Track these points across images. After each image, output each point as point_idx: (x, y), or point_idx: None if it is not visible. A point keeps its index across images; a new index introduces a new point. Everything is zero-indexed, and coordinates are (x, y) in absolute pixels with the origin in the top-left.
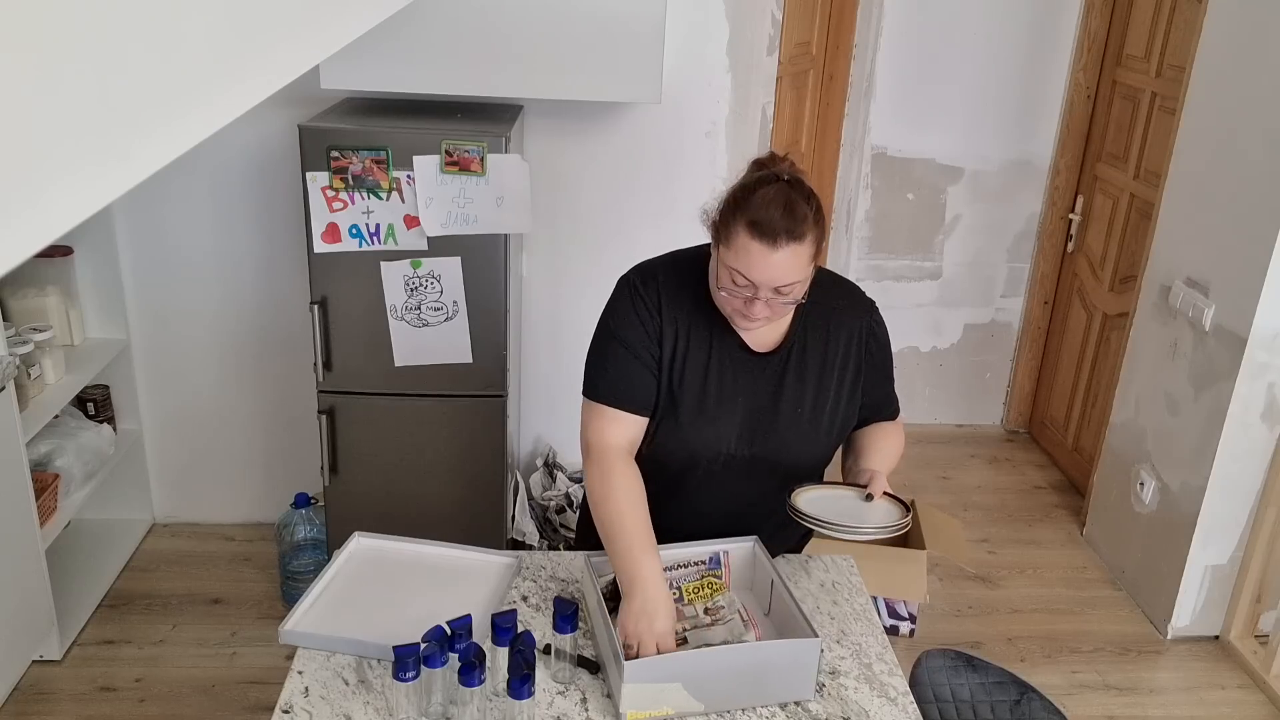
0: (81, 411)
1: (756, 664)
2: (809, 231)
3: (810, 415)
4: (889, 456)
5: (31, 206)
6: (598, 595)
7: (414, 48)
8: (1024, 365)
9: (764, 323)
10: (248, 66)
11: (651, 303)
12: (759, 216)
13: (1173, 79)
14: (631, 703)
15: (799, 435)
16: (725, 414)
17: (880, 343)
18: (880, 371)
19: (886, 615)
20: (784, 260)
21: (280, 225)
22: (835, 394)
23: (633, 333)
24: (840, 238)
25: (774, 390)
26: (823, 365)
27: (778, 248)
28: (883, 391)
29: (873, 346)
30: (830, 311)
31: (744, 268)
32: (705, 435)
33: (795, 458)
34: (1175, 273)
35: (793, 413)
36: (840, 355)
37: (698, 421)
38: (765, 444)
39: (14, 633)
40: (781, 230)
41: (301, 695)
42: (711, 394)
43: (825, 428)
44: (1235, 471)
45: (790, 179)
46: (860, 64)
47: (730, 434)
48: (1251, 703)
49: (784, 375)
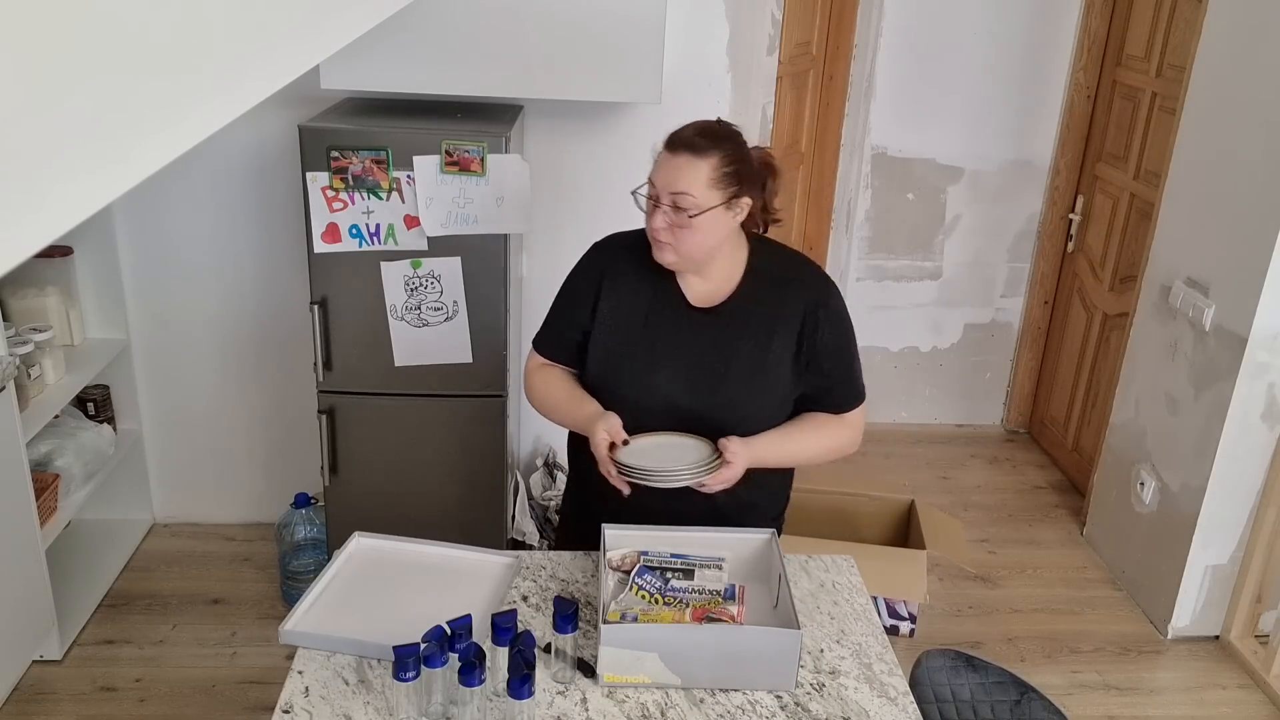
0: (81, 411)
1: (735, 647)
2: (713, 154)
3: (748, 374)
4: (789, 440)
5: (31, 206)
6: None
7: (414, 48)
8: (1024, 365)
9: (670, 250)
10: (248, 66)
11: (599, 263)
12: (675, 133)
13: (1173, 79)
14: (609, 666)
15: (740, 393)
16: (665, 365)
17: (830, 327)
18: (828, 356)
19: (886, 615)
20: (680, 167)
21: (280, 225)
22: (777, 358)
23: (574, 293)
24: (840, 238)
25: (713, 345)
26: (763, 327)
27: (677, 155)
28: (830, 379)
29: (820, 327)
30: (782, 279)
31: (652, 175)
32: (646, 384)
33: (738, 416)
34: (1175, 273)
35: (730, 369)
36: (784, 324)
37: (636, 370)
38: (708, 399)
39: (14, 633)
40: (684, 142)
41: (302, 695)
42: (650, 345)
43: (765, 388)
44: (1235, 471)
45: (727, 128)
46: (860, 64)
47: (673, 387)
48: (1251, 703)
49: (723, 331)
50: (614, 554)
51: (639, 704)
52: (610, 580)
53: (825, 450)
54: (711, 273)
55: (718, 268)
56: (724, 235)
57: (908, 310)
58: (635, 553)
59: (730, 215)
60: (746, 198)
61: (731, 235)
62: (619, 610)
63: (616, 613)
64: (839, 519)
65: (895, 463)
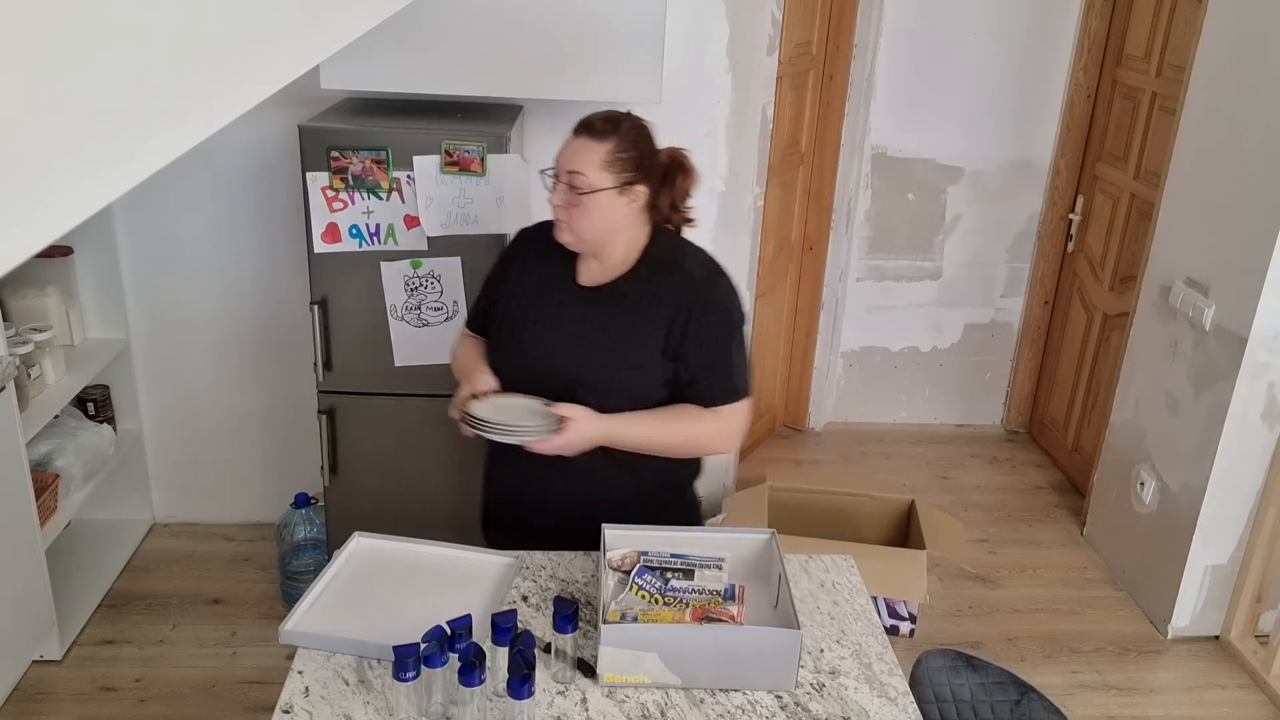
0: (81, 411)
1: (735, 647)
2: (609, 139)
3: (615, 353)
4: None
5: (31, 206)
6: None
7: (414, 48)
8: (1024, 365)
9: (567, 229)
10: (248, 66)
11: (519, 244)
12: (582, 118)
13: (1173, 79)
14: (609, 666)
15: (605, 370)
16: (544, 337)
17: (703, 320)
18: (696, 349)
19: (886, 615)
20: (578, 148)
21: (280, 225)
22: (643, 341)
23: (494, 270)
24: (840, 238)
25: (589, 323)
26: (638, 311)
27: (578, 137)
28: (697, 371)
29: (692, 320)
30: (667, 270)
31: (557, 155)
32: (523, 353)
33: (602, 392)
34: (1175, 273)
35: (600, 347)
36: (657, 310)
37: (517, 339)
38: (576, 373)
39: (14, 633)
40: (585, 125)
41: (302, 695)
42: (535, 318)
43: (630, 368)
44: (1235, 471)
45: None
46: (860, 64)
47: (549, 358)
48: (1251, 703)
49: (601, 311)
50: (614, 554)
51: (639, 704)
52: (610, 580)
53: (687, 440)
54: (607, 256)
55: (614, 252)
56: (618, 219)
57: (908, 310)
58: (635, 553)
59: (624, 200)
60: (642, 186)
61: (629, 222)
62: (619, 610)
63: (616, 613)
64: (839, 519)
65: (895, 463)
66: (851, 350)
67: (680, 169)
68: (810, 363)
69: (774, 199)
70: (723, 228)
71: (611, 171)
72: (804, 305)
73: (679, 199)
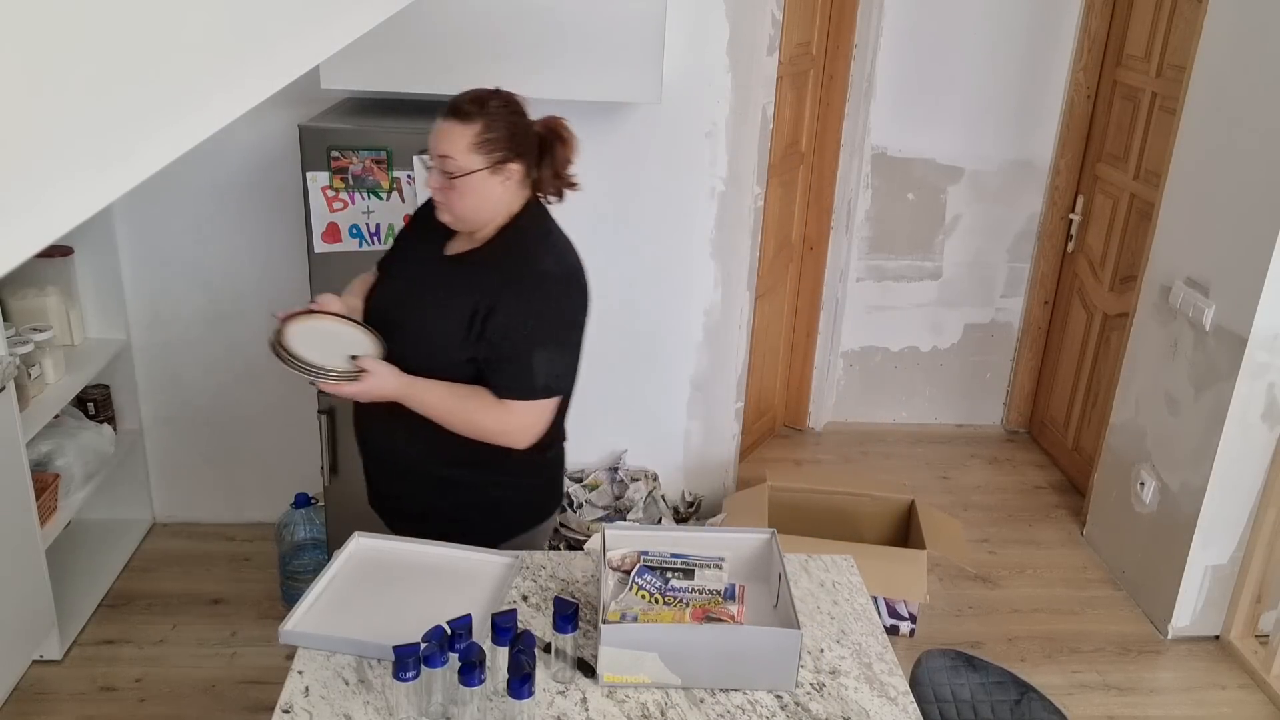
0: (81, 411)
1: (735, 647)
2: (476, 120)
3: (430, 319)
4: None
5: (31, 206)
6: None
7: (414, 48)
8: (1024, 365)
9: (445, 210)
10: (248, 66)
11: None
12: (450, 99)
13: (1173, 79)
14: (609, 666)
15: (419, 331)
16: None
17: (509, 310)
18: (494, 336)
19: (886, 615)
20: (445, 131)
21: (280, 225)
22: (451, 314)
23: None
24: (840, 238)
25: (424, 286)
26: (459, 285)
27: (446, 120)
28: (490, 357)
29: (498, 308)
30: (501, 252)
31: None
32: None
33: (411, 351)
34: (1175, 273)
35: (421, 309)
36: (472, 288)
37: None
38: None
39: (14, 633)
40: (452, 108)
41: (302, 695)
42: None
43: (438, 335)
44: (1235, 471)
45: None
46: (860, 64)
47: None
48: (1251, 703)
49: (438, 276)
50: (614, 554)
51: (639, 704)
52: (610, 580)
53: (468, 422)
54: (480, 232)
55: (489, 229)
56: (494, 198)
57: (908, 310)
58: (635, 553)
59: (498, 180)
60: (515, 164)
61: (508, 199)
62: (619, 610)
63: (616, 613)
64: (839, 519)
65: (895, 463)
66: (851, 350)
67: (557, 138)
68: (810, 363)
69: (774, 199)
70: (723, 228)
71: (481, 153)
72: (804, 305)
73: (560, 168)
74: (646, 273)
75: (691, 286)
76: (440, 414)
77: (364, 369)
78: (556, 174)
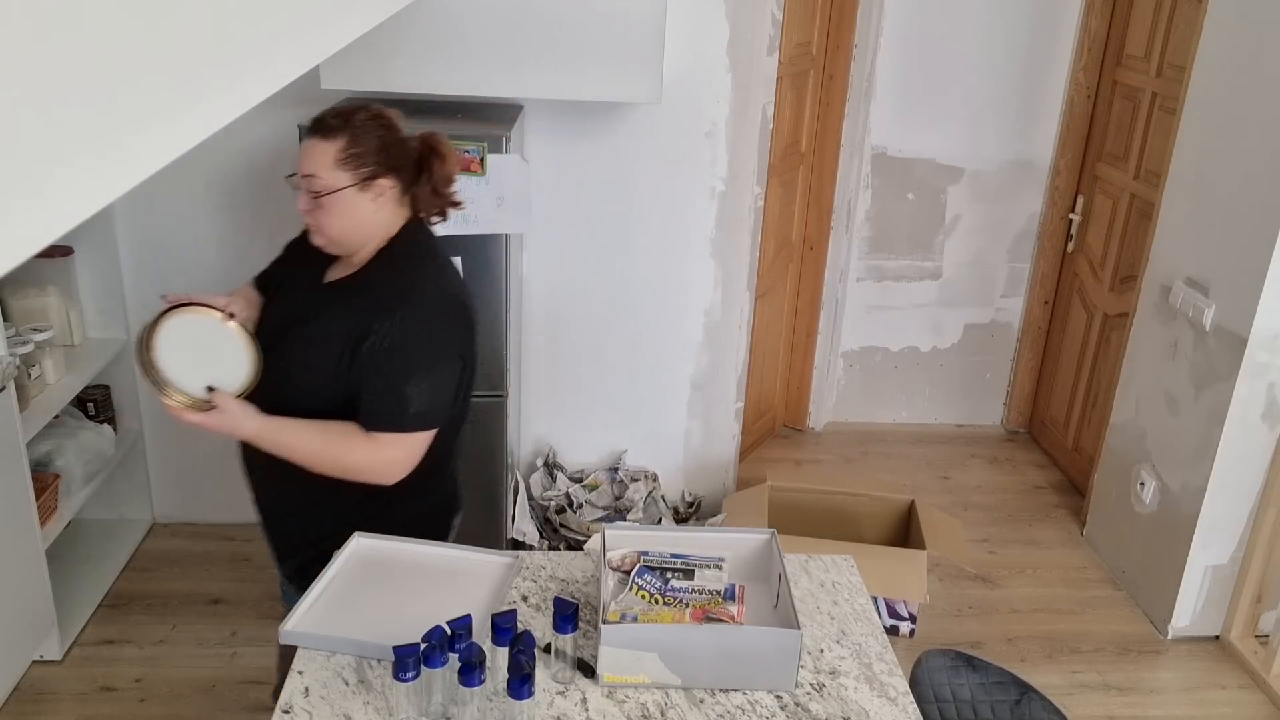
0: (82, 411)
1: (735, 647)
2: (340, 136)
3: (302, 350)
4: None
5: (31, 206)
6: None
7: (414, 48)
8: (1024, 365)
9: (317, 233)
10: (248, 66)
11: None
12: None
13: (1173, 79)
14: (609, 666)
15: (289, 364)
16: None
17: (385, 339)
18: (368, 366)
19: (886, 615)
20: (309, 149)
21: (280, 225)
22: (327, 345)
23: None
24: (840, 238)
25: (298, 315)
26: (335, 313)
27: (310, 137)
28: (362, 388)
29: (373, 335)
30: (379, 277)
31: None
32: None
33: (281, 385)
34: (1175, 273)
35: (294, 340)
36: (349, 317)
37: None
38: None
39: (14, 633)
40: (315, 124)
41: (301, 695)
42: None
43: (308, 369)
44: (1235, 471)
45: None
46: (860, 64)
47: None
48: (1251, 703)
49: (311, 306)
50: (614, 554)
51: (639, 704)
52: (610, 580)
53: (335, 461)
54: (357, 256)
55: (366, 252)
56: (365, 217)
57: (908, 310)
58: (635, 553)
59: (368, 197)
60: (387, 180)
61: (382, 217)
62: (619, 610)
63: (616, 613)
64: (839, 519)
65: (895, 463)
66: (851, 350)
67: (435, 154)
68: (810, 363)
69: (774, 199)
70: (723, 228)
71: (347, 169)
72: (804, 305)
73: (440, 185)
74: (646, 273)
75: (691, 286)
76: (303, 457)
77: (214, 404)
78: (436, 191)
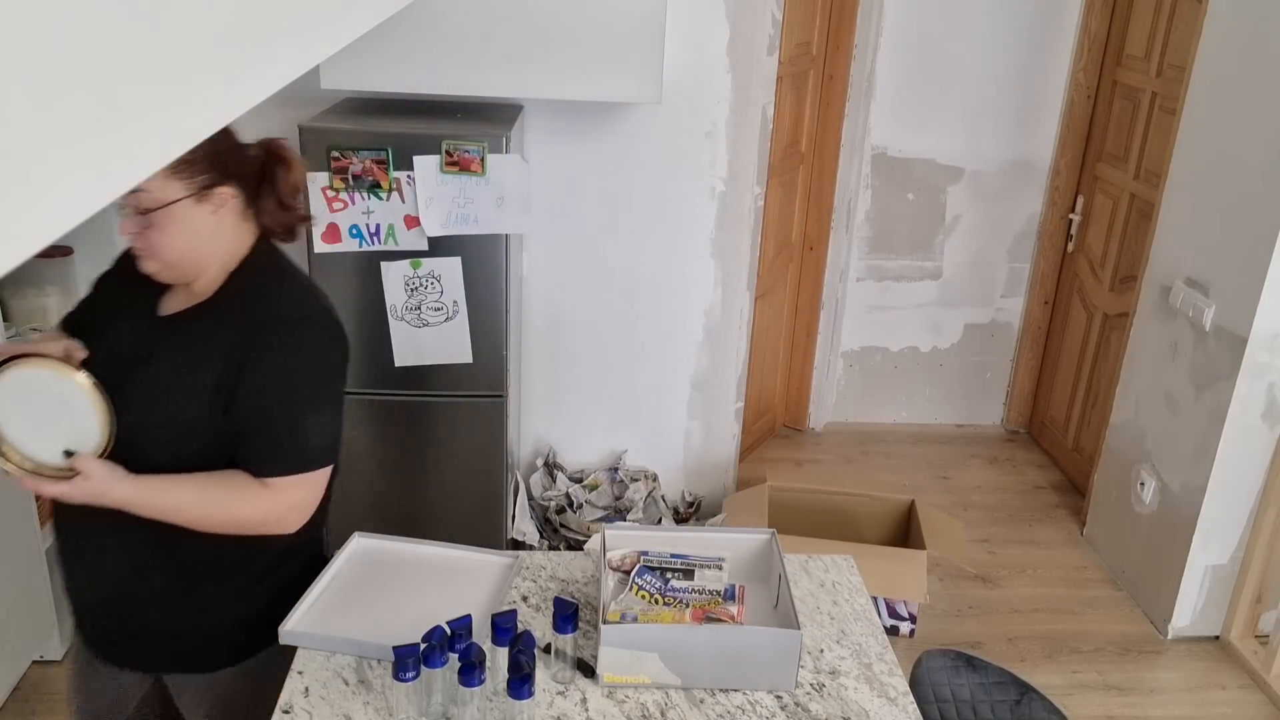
0: None
1: (735, 647)
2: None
3: (158, 398)
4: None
5: (31, 207)
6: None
7: (414, 48)
8: (1024, 365)
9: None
10: (248, 66)
11: (120, 262)
12: None
13: (1173, 79)
14: (609, 666)
15: (144, 416)
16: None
17: (264, 369)
18: (249, 401)
19: (886, 615)
20: None
21: None
22: (191, 386)
23: (90, 290)
24: (840, 238)
25: (141, 359)
26: (196, 349)
27: None
28: (245, 429)
29: (249, 366)
30: (245, 300)
31: None
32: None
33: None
34: (1175, 273)
35: (143, 389)
36: (216, 350)
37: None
38: (122, 416)
39: (14, 633)
40: None
41: (301, 695)
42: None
43: (172, 418)
44: (1235, 471)
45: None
46: (860, 64)
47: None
48: (1251, 703)
49: (158, 345)
50: (614, 554)
51: (639, 704)
52: (610, 580)
53: (228, 517)
54: (199, 283)
55: (210, 277)
56: (205, 233)
57: (908, 310)
58: (635, 553)
59: (206, 209)
60: (226, 188)
61: (223, 234)
62: (619, 610)
63: (616, 613)
64: (839, 519)
65: (895, 463)
66: (851, 350)
67: (279, 161)
68: (810, 363)
69: (774, 199)
70: (723, 228)
71: (180, 178)
72: (804, 305)
73: (285, 196)
74: (646, 272)
75: (691, 286)
76: (190, 518)
77: (76, 469)
78: (282, 203)
